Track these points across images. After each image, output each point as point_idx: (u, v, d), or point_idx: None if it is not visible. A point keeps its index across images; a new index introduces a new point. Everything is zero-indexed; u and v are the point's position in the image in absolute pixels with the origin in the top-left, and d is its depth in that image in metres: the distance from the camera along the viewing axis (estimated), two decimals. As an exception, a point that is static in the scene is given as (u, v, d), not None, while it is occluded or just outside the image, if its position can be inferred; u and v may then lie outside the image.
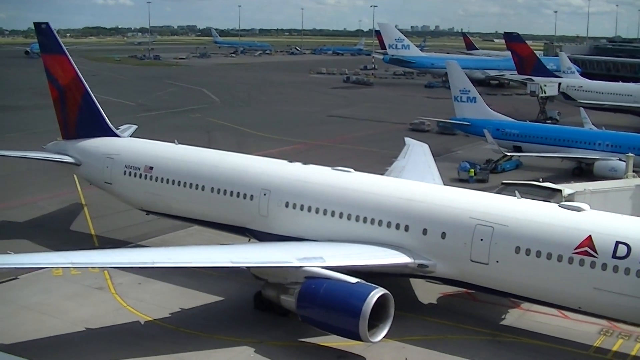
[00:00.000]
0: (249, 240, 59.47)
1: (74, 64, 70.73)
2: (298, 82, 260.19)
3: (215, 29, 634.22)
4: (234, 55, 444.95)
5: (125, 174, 65.67)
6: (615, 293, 45.00)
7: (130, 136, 76.55)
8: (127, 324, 49.25)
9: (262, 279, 48.95)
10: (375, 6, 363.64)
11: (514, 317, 53.19)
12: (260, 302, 50.56)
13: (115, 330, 48.13)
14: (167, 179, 62.85)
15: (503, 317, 53.32)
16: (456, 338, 48.85)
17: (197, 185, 61.06)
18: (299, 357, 45.08)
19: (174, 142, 68.03)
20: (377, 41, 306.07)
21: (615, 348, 48.75)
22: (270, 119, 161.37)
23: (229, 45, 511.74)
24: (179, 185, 62.13)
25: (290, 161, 62.77)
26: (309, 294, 45.14)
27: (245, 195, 58.52)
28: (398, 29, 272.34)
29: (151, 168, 64.10)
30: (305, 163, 62.12)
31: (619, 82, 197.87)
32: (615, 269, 44.76)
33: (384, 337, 44.46)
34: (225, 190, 59.53)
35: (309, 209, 55.60)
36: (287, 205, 56.57)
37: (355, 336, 43.63)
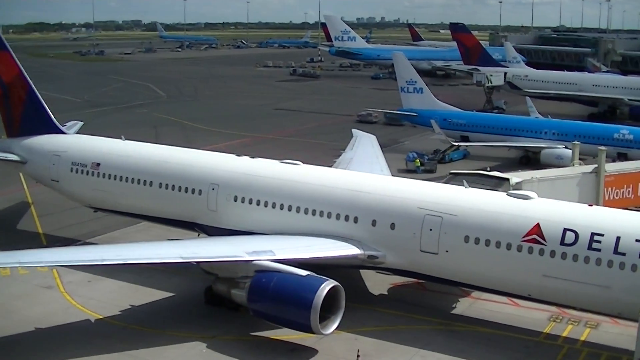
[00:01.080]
0: (199, 235, 59.29)
1: (17, 61, 69.91)
2: (245, 75, 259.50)
3: (161, 24, 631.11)
4: (179, 49, 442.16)
5: (72, 171, 65.07)
6: (564, 279, 45.49)
7: (77, 133, 75.86)
8: (77, 323, 48.80)
9: (213, 273, 48.81)
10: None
11: (465, 306, 53.53)
12: (211, 297, 50.36)
13: (66, 330, 47.69)
14: (115, 176, 62.40)
15: (454, 306, 53.65)
16: (408, 328, 49.01)
17: (145, 181, 60.72)
18: (251, 351, 44.96)
19: (120, 138, 67.46)
20: (323, 33, 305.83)
21: (565, 334, 49.30)
22: (217, 113, 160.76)
23: (174, 39, 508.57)
24: (126, 181, 61.72)
25: (238, 155, 62.62)
26: (259, 287, 45.07)
27: (193, 190, 58.32)
28: (344, 21, 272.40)
29: (98, 165, 63.58)
30: (253, 157, 62.03)
31: (563, 71, 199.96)
32: (564, 255, 45.25)
33: (335, 329, 44.57)
34: (173, 186, 59.26)
35: (258, 203, 55.53)
36: (235, 199, 56.46)
37: (307, 329, 43.67)
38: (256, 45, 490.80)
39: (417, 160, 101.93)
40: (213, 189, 57.38)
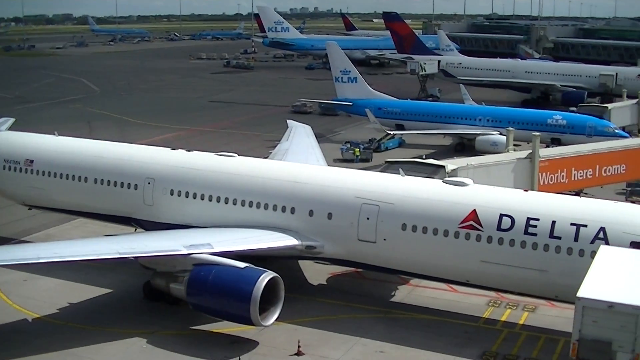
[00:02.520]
0: (135, 230, 58.89)
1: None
2: (178, 68, 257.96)
3: (92, 17, 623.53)
4: (112, 43, 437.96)
5: (4, 168, 64.11)
6: (501, 264, 46.05)
7: (8, 130, 74.75)
8: (14, 323, 48.04)
9: (151, 268, 48.47)
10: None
11: (404, 294, 53.80)
12: (149, 292, 50.02)
13: (2, 330, 46.90)
14: (49, 172, 61.63)
15: (393, 294, 53.91)
16: (348, 317, 49.18)
17: (79, 176, 60.06)
18: (192, 345, 44.69)
19: (54, 134, 66.69)
20: (257, 24, 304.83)
21: (503, 318, 49.84)
22: (151, 106, 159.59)
23: (106, 33, 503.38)
24: (61, 177, 61.02)
25: (174, 148, 62.39)
26: (198, 281, 44.90)
27: (129, 185, 57.88)
28: (277, 12, 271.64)
29: (31, 161, 62.74)
30: (188, 150, 61.84)
31: (496, 58, 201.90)
32: (500, 241, 45.79)
33: (275, 320, 44.59)
34: (108, 181, 58.73)
35: (195, 196, 55.33)
36: (172, 193, 56.18)
37: (247, 321, 43.63)
38: (189, 37, 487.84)
39: (357, 150, 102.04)
40: (149, 183, 57.02)
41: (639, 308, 35.48)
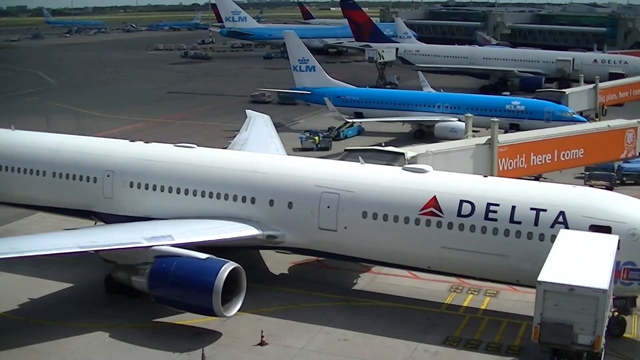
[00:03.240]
0: (95, 223, 58.52)
1: None
2: (136, 59, 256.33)
3: (47, 9, 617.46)
4: (68, 35, 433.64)
5: (-40, 164, 63.44)
6: (462, 250, 46.34)
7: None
8: (-27, 320, 47.76)
9: (112, 261, 48.12)
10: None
11: (366, 281, 53.93)
12: (111, 286, 49.70)
13: (-38, 328, 46.60)
14: (6, 167, 60.96)
15: (355, 282, 54.02)
16: (310, 306, 49.22)
17: (37, 170, 59.50)
18: (155, 338, 44.47)
19: (10, 128, 65.97)
20: (214, 14, 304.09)
21: (465, 303, 50.17)
22: (109, 98, 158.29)
23: (62, 24, 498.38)
24: (18, 172, 60.40)
25: (132, 140, 62.04)
26: (159, 273, 44.72)
27: (88, 178, 57.45)
28: (234, 1, 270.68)
29: (-12, 156, 62.16)
30: (147, 141, 61.53)
31: (454, 45, 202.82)
32: (461, 226, 46.04)
33: (238, 310, 44.50)
34: (67, 174, 58.23)
35: (154, 188, 55.09)
36: (131, 185, 55.89)
37: (210, 312, 43.55)
38: (146, 28, 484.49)
39: (316, 138, 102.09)
40: (108, 176, 56.66)
41: (599, 290, 35.88)
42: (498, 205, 45.70)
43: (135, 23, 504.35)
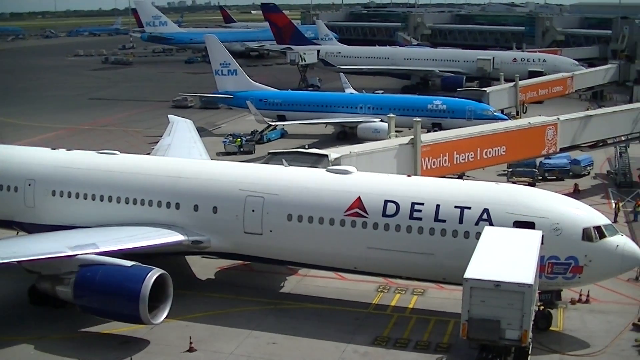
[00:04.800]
0: (17, 233, 57.68)
1: None
2: (56, 66, 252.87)
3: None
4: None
5: None
6: (388, 250, 46.65)
7: None
8: None
9: (35, 272, 47.34)
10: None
11: (293, 284, 53.96)
12: (35, 296, 48.79)
13: None
14: None
15: (282, 284, 54.03)
16: (238, 310, 49.07)
17: (-44, 181, 58.54)
18: (82, 348, 43.97)
19: None
20: (134, 19, 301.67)
21: (393, 303, 50.52)
22: (29, 106, 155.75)
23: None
24: None
25: (54, 148, 61.29)
26: (85, 282, 44.20)
27: (8, 187, 56.62)
28: (155, 6, 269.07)
29: None
30: (69, 149, 60.82)
31: (375, 46, 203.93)
32: (386, 226, 46.33)
33: (165, 317, 44.18)
34: (-13, 184, 57.43)
35: (77, 196, 54.53)
36: (53, 193, 55.23)
37: (137, 320, 43.21)
38: (66, 34, 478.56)
39: (238, 140, 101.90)
40: (29, 185, 55.90)
41: (524, 285, 36.32)
42: (422, 204, 46.08)
43: (54, 29, 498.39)
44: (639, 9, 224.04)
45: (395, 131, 74.16)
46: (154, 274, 43.14)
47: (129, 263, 44.35)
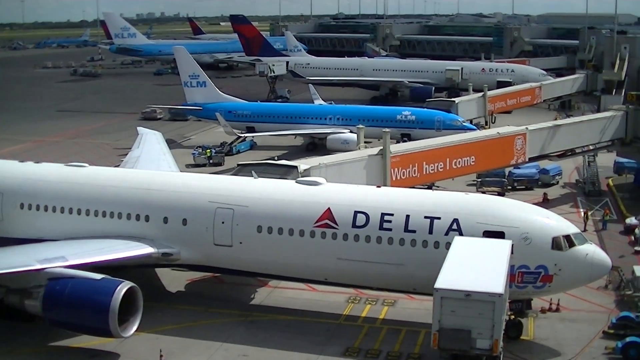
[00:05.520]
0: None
1: None
2: (23, 77, 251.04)
3: None
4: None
5: None
6: (359, 261, 46.72)
7: None
8: None
9: (3, 285, 46.94)
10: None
11: (263, 296, 53.86)
12: (3, 311, 48.13)
13: None
14: None
15: (252, 296, 53.92)
16: (208, 323, 48.97)
17: None
18: (51, 362, 43.84)
19: None
20: (103, 31, 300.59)
21: (364, 314, 50.55)
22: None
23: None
24: None
25: (22, 160, 60.90)
26: (54, 295, 43.89)
27: (-24, 201, 56.24)
28: (123, 18, 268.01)
29: None
30: (37, 161, 60.46)
31: (344, 57, 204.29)
32: (356, 237, 46.40)
33: (136, 330, 43.91)
34: (-47, 198, 56.92)
35: (46, 209, 54.25)
36: (22, 206, 54.87)
37: (107, 333, 42.94)
38: (34, 46, 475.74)
39: (208, 151, 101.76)
40: (-3, 198, 55.55)
41: (494, 295, 36.44)
42: (392, 215, 46.18)
43: (22, 40, 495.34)
44: (605, 19, 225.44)
45: (365, 142, 74.24)
46: (124, 286, 42.90)
47: (98, 276, 44.08)
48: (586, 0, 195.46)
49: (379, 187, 53.39)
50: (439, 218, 45.56)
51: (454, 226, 45.04)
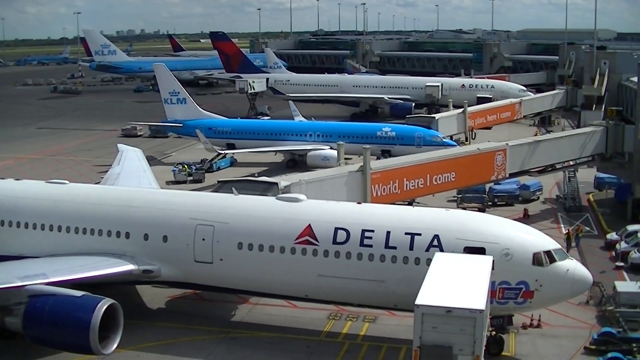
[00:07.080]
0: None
1: None
2: (3, 95, 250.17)
3: None
4: None
5: None
6: (339, 277, 46.68)
7: None
8: None
9: (-17, 303, 46.95)
10: (78, 13, 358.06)
11: (244, 313, 53.78)
12: (-17, 328, 48.43)
13: None
14: None
15: (233, 313, 53.85)
16: (189, 340, 48.87)
17: None
18: (30, 379, 43.66)
19: None
20: (83, 48, 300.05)
21: (345, 330, 50.53)
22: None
23: None
24: None
25: (2, 178, 60.81)
26: (34, 313, 43.75)
27: (-44, 218, 56.02)
28: (103, 35, 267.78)
29: None
30: (18, 178, 60.37)
31: (324, 73, 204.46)
32: (337, 254, 46.38)
33: (116, 347, 43.69)
34: None
35: (27, 226, 54.13)
36: (2, 224, 54.77)
37: (87, 350, 42.73)
38: (14, 63, 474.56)
39: (186, 166, 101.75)
40: (-23, 215, 55.36)
41: (475, 311, 36.39)
42: (373, 231, 46.21)
43: (2, 58, 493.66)
44: (584, 34, 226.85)
45: (345, 158, 74.41)
46: (104, 303, 42.78)
47: (79, 293, 43.94)
48: (565, 15, 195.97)
49: (359, 203, 53.56)
50: (419, 234, 45.61)
51: (435, 242, 45.09)
